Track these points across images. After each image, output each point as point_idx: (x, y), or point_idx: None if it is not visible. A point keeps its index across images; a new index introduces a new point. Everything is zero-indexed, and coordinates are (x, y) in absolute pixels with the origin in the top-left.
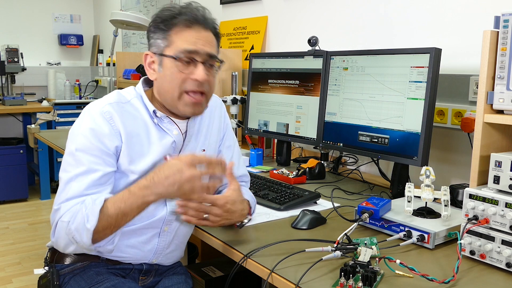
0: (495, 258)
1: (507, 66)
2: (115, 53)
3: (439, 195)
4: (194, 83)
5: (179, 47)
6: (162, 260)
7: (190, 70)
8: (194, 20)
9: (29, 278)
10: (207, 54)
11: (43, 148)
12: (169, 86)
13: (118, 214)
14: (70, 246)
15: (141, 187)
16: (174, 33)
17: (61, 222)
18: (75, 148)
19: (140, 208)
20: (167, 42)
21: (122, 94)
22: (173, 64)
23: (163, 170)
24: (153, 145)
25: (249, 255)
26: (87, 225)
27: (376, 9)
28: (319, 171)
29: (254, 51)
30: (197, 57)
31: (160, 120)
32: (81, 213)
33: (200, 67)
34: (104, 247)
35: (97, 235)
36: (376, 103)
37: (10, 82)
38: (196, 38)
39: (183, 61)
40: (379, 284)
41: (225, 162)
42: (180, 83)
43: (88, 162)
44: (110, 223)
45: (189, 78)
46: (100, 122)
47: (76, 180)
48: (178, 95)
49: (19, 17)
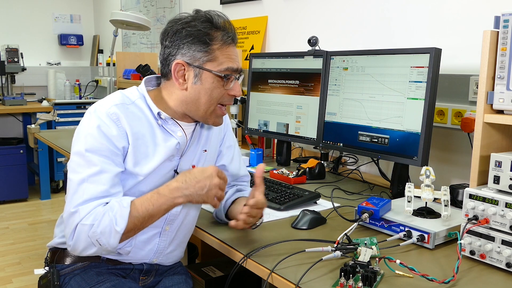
0: (495, 258)
1: (507, 66)
2: (115, 53)
3: (439, 195)
4: (231, 98)
5: (225, 65)
6: (163, 260)
7: (230, 85)
8: (231, 38)
9: (29, 278)
10: (240, 70)
11: (43, 148)
12: (208, 99)
13: (146, 216)
14: (91, 249)
15: (171, 188)
16: (217, 48)
17: (82, 225)
18: (85, 149)
19: (167, 210)
20: (210, 57)
21: (126, 95)
22: (215, 79)
23: (194, 174)
24: (158, 147)
25: (249, 255)
26: (116, 228)
27: (376, 9)
28: (319, 171)
29: (254, 51)
30: (236, 75)
31: (164, 122)
32: (108, 216)
33: (237, 83)
34: (123, 248)
35: (123, 237)
36: (376, 103)
37: (10, 82)
38: (235, 55)
39: (224, 79)
40: (379, 284)
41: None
42: (220, 97)
43: (100, 162)
44: (136, 225)
45: (227, 93)
46: (108, 123)
47: (89, 181)
48: (213, 108)
49: (19, 17)
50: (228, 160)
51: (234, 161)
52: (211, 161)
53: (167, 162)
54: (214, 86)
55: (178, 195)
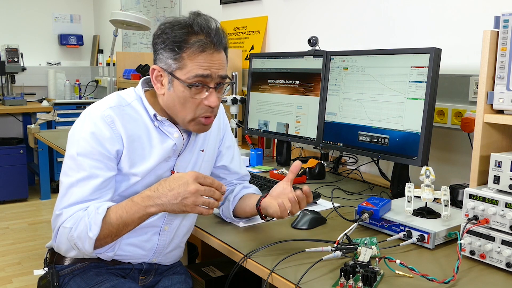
0: (495, 258)
1: (507, 66)
2: (115, 53)
3: (439, 195)
4: (207, 109)
5: (192, 72)
6: (162, 260)
7: (202, 95)
8: (208, 43)
9: (29, 278)
10: (219, 76)
11: (43, 148)
12: (181, 109)
13: (120, 224)
14: (72, 252)
15: (144, 197)
16: (187, 55)
17: (63, 228)
18: (77, 153)
19: (141, 219)
20: (179, 64)
21: (122, 97)
22: (185, 88)
23: (168, 182)
24: (154, 148)
25: (249, 255)
26: (89, 233)
27: (376, 9)
28: (319, 171)
29: (254, 51)
30: (210, 83)
31: (160, 123)
32: (84, 221)
33: (213, 93)
34: (104, 253)
35: (98, 242)
36: (376, 103)
37: (10, 82)
38: (210, 62)
39: (195, 87)
40: (379, 284)
41: (225, 188)
42: (195, 108)
43: (90, 167)
44: (111, 232)
45: (202, 103)
46: (101, 126)
47: (77, 185)
48: (192, 118)
49: (19, 17)
50: (228, 160)
51: (235, 161)
52: (209, 161)
53: (164, 163)
54: (185, 95)
55: (149, 204)
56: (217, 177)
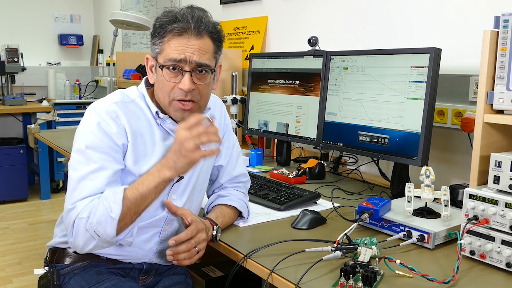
0: (495, 258)
1: (507, 66)
2: (115, 53)
3: (439, 195)
4: (181, 92)
5: (168, 56)
6: (162, 260)
7: (178, 79)
8: (186, 28)
9: (29, 278)
10: (195, 62)
11: (43, 148)
12: (161, 92)
13: (137, 198)
14: (91, 243)
15: (157, 166)
16: (166, 40)
17: (79, 219)
18: (85, 146)
19: (157, 188)
20: (160, 49)
21: (126, 94)
22: (162, 72)
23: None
24: (156, 146)
25: (249, 255)
26: (111, 214)
27: (376, 9)
28: (319, 171)
29: (254, 51)
30: (185, 67)
31: (162, 121)
32: (103, 205)
33: (186, 76)
34: (124, 239)
35: (119, 224)
36: (376, 103)
37: (10, 82)
38: (185, 46)
39: (170, 70)
40: (379, 284)
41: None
42: (169, 91)
43: (100, 159)
44: (130, 209)
45: (176, 87)
46: (107, 120)
47: (88, 178)
48: (169, 102)
49: (19, 17)
50: (226, 160)
51: (231, 162)
52: (210, 161)
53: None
54: (163, 78)
55: (161, 169)
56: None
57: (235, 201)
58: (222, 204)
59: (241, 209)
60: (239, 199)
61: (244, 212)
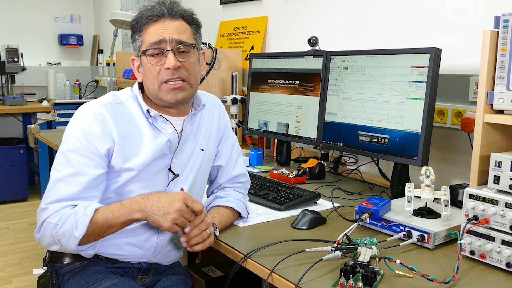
0: (495, 258)
1: (507, 66)
2: (115, 53)
3: (439, 195)
4: (168, 72)
5: (148, 42)
6: (161, 259)
7: (163, 61)
8: (159, 14)
9: (29, 278)
10: (175, 41)
11: (43, 148)
12: (149, 81)
13: (104, 225)
14: (54, 246)
15: (133, 201)
16: (144, 30)
17: (48, 223)
18: (67, 149)
19: (124, 223)
20: (140, 41)
21: (117, 95)
22: (147, 59)
23: (159, 195)
24: (147, 143)
25: (249, 255)
26: (75, 233)
27: (376, 9)
28: (319, 171)
29: (254, 51)
30: (166, 46)
31: (154, 120)
32: (71, 220)
33: (169, 55)
34: (85, 251)
35: (81, 241)
36: (376, 103)
37: (10, 82)
38: (162, 29)
39: (152, 53)
40: (379, 284)
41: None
42: (156, 75)
43: (78, 164)
44: (95, 232)
45: (162, 68)
46: (92, 123)
47: (64, 181)
48: (158, 86)
49: (19, 17)
50: (225, 160)
51: (230, 162)
52: (208, 161)
53: (160, 160)
54: (149, 66)
55: (135, 208)
56: (209, 179)
57: (233, 202)
58: (220, 205)
59: (239, 210)
60: (237, 199)
61: (243, 213)
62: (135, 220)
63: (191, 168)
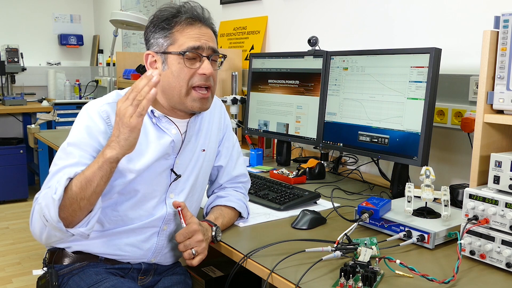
0: (495, 258)
1: (507, 66)
2: (115, 53)
3: (439, 195)
4: (201, 78)
5: (185, 45)
6: (161, 260)
7: (196, 65)
8: (196, 18)
9: (29, 278)
10: (211, 48)
11: (43, 148)
12: (176, 82)
13: (82, 181)
14: (44, 230)
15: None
16: (176, 31)
17: (38, 205)
18: (67, 143)
19: (101, 169)
20: (171, 40)
21: (120, 94)
22: (179, 60)
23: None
24: (151, 144)
25: (249, 255)
26: (54, 196)
27: (376, 9)
28: (319, 171)
29: (254, 51)
30: (202, 53)
31: (158, 120)
32: (51, 189)
33: (206, 61)
34: (77, 229)
35: (65, 210)
36: (376, 103)
37: (10, 82)
38: (199, 34)
39: (190, 57)
40: (379, 284)
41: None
42: (188, 78)
43: (79, 156)
44: (76, 192)
45: (196, 73)
46: (97, 120)
47: (62, 171)
48: (186, 91)
49: (19, 17)
50: (225, 160)
51: (230, 162)
52: (210, 161)
53: (163, 161)
54: (180, 67)
55: (105, 149)
56: (210, 179)
57: (234, 202)
58: (221, 205)
59: (240, 210)
60: (238, 199)
61: (244, 213)
62: (110, 159)
63: (193, 168)
